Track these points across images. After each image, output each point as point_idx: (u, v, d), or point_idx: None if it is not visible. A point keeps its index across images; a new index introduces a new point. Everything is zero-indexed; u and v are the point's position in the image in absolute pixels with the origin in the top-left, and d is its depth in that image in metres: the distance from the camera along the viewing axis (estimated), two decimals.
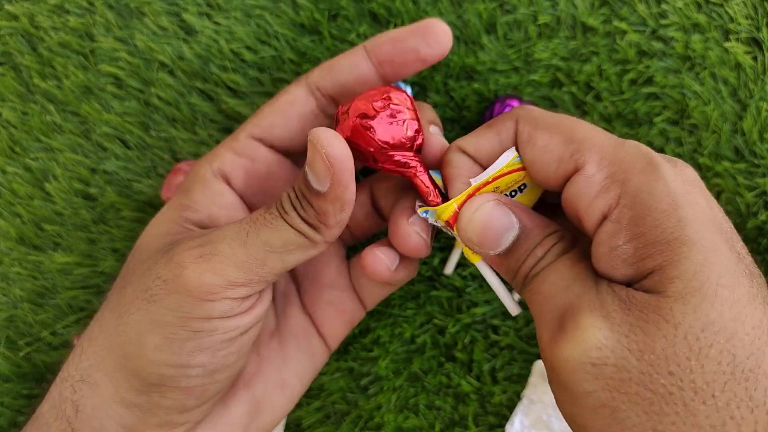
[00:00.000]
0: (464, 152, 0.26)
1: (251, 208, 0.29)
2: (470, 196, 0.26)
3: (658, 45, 0.40)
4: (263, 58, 0.41)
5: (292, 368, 0.30)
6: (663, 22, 0.40)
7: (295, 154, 0.30)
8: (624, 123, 0.40)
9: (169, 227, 0.27)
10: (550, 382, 0.22)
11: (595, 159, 0.22)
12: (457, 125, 0.41)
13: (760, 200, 0.40)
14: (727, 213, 0.40)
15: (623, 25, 0.40)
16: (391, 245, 0.27)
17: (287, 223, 0.24)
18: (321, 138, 0.23)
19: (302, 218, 0.24)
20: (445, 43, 0.27)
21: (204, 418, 0.27)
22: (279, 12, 0.41)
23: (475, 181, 0.26)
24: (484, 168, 0.26)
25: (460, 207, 0.25)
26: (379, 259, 0.27)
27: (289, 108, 0.28)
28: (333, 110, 0.29)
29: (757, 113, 0.40)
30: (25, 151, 0.41)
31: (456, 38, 0.41)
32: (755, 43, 0.40)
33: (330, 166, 0.23)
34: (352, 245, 0.35)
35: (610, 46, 0.40)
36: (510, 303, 0.27)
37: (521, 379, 0.40)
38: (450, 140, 0.41)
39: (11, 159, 0.41)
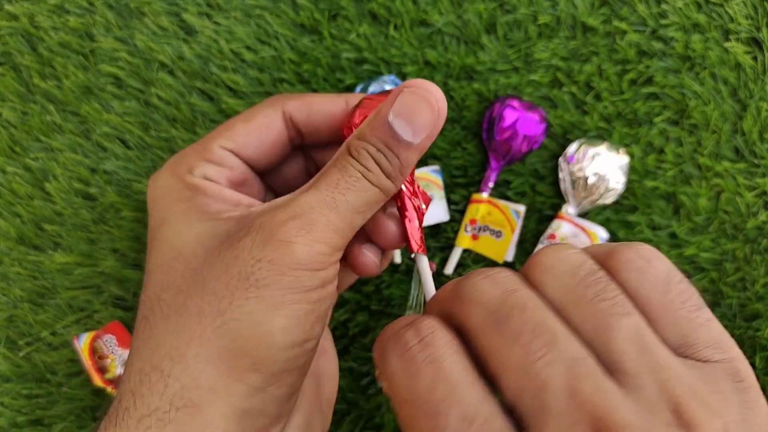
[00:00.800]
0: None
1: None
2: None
3: (658, 45, 0.40)
4: (263, 58, 0.41)
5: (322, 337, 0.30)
6: (663, 22, 0.40)
7: (258, 171, 0.30)
8: (624, 123, 0.40)
9: (200, 216, 0.25)
10: None
11: None
12: (458, 125, 0.41)
13: (760, 200, 0.40)
14: (727, 213, 0.40)
15: (623, 25, 0.40)
16: (371, 242, 0.28)
17: (370, 182, 0.24)
18: (431, 90, 0.24)
19: (385, 173, 0.24)
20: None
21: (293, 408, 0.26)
22: (279, 12, 0.41)
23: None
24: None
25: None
26: (370, 259, 0.28)
27: (265, 132, 0.28)
28: (298, 141, 0.30)
29: (757, 113, 0.40)
30: (25, 151, 0.41)
31: (456, 38, 0.41)
32: (755, 43, 0.40)
33: (437, 118, 0.24)
34: None
35: (610, 46, 0.40)
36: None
37: None
38: (449, 141, 0.41)
39: (11, 159, 0.41)
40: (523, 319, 0.17)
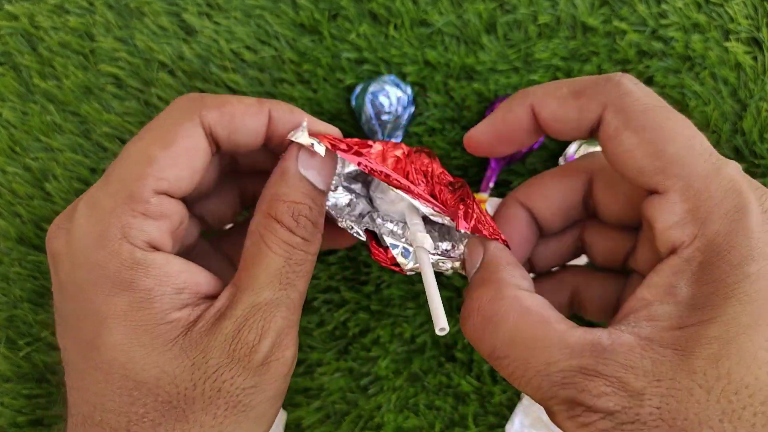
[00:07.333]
0: (534, 110, 0.24)
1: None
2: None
3: (658, 45, 0.40)
4: (263, 58, 0.41)
5: None
6: (663, 22, 0.40)
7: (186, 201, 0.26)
8: None
9: (147, 325, 0.22)
10: None
11: (680, 188, 0.20)
12: (457, 125, 0.41)
13: None
14: None
15: (623, 25, 0.40)
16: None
17: (310, 255, 0.23)
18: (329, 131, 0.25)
19: (304, 238, 0.23)
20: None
21: None
22: (279, 12, 0.41)
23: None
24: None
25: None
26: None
27: (194, 158, 0.23)
28: (225, 165, 0.27)
29: (757, 113, 0.40)
30: (25, 151, 0.41)
31: (456, 38, 0.41)
32: (755, 43, 0.40)
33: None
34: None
35: (610, 46, 0.40)
36: (441, 316, 0.23)
37: None
38: (449, 141, 0.41)
39: (11, 159, 0.41)
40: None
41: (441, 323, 0.21)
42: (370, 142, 0.25)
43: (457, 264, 0.26)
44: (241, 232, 0.28)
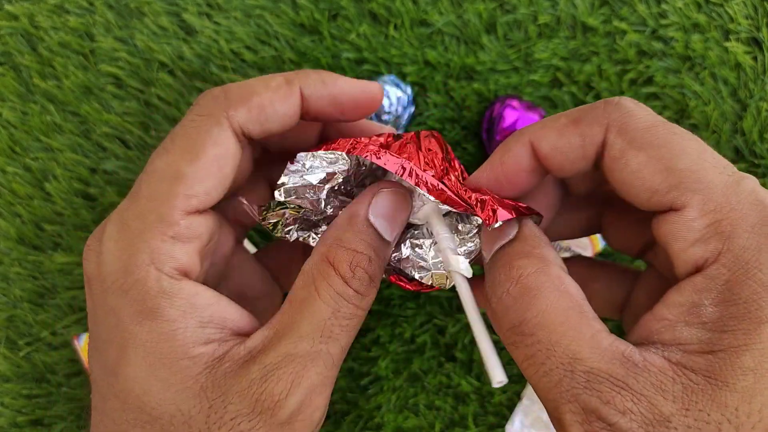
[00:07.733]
0: (533, 147, 0.23)
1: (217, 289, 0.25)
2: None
3: (658, 45, 0.40)
4: (263, 58, 0.41)
5: None
6: (663, 22, 0.40)
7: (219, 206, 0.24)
8: None
9: (167, 358, 0.21)
10: None
11: (698, 202, 0.19)
12: (457, 125, 0.41)
13: None
14: None
15: (623, 25, 0.40)
16: None
17: (361, 309, 0.22)
18: (403, 191, 0.23)
19: (357, 291, 0.22)
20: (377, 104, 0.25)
21: None
22: (279, 12, 0.41)
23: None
24: (546, 171, 0.23)
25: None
26: None
27: (225, 165, 0.22)
28: (255, 153, 0.25)
29: (757, 113, 0.40)
30: (25, 151, 0.41)
31: (456, 38, 0.41)
32: (755, 43, 0.40)
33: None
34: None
35: (610, 46, 0.40)
36: (497, 366, 0.20)
37: (521, 379, 0.40)
38: (449, 141, 0.41)
39: (11, 159, 0.41)
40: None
41: (498, 375, 0.18)
42: (382, 140, 0.23)
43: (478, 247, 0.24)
44: (285, 246, 0.28)
